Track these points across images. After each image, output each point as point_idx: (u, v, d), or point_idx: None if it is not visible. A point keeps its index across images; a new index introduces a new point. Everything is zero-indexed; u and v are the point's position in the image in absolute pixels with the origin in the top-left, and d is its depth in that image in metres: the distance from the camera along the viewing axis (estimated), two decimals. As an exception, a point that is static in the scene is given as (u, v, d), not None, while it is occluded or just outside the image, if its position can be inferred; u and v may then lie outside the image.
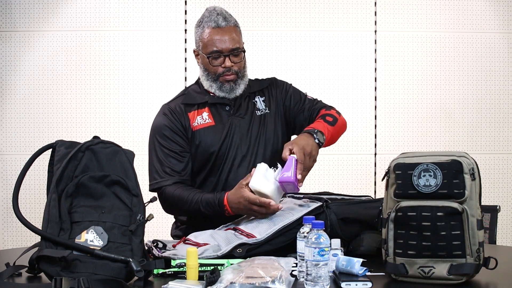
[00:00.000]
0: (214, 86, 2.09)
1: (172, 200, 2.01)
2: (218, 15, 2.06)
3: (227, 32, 2.05)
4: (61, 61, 3.56)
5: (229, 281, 1.30)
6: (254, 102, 2.17)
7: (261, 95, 2.19)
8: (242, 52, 2.09)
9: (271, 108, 2.17)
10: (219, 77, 2.07)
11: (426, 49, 3.66)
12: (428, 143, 3.63)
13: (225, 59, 2.05)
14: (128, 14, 3.58)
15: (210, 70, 2.08)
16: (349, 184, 3.57)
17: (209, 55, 2.06)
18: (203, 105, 2.12)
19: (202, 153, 2.07)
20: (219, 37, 2.04)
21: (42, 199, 2.04)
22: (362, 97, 3.64)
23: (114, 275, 1.39)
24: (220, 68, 2.06)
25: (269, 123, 2.15)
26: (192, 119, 2.09)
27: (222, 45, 2.04)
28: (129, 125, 3.56)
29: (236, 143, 2.08)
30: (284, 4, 3.61)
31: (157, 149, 2.08)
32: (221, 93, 2.09)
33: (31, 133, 3.54)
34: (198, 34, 2.11)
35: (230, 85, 2.08)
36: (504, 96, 3.68)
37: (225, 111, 2.12)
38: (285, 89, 2.24)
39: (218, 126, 2.09)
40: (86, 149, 1.52)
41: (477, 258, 1.39)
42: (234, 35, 2.06)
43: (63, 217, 1.45)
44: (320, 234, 1.32)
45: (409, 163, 1.45)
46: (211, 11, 2.08)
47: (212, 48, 2.05)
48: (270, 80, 2.26)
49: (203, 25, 2.09)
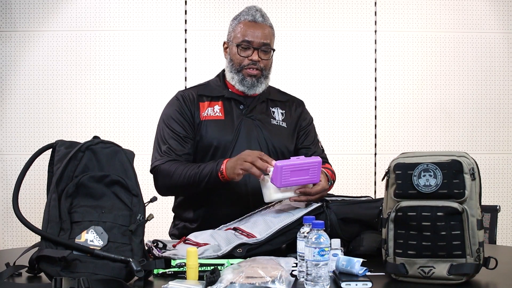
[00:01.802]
0: (236, 78, 2.09)
1: (166, 173, 1.98)
2: (256, 11, 2.10)
3: (262, 28, 2.08)
4: (61, 61, 3.56)
5: (229, 281, 1.30)
6: (272, 111, 2.16)
7: (281, 107, 2.19)
8: (272, 50, 2.10)
9: (288, 125, 2.16)
10: (243, 68, 2.07)
11: (426, 49, 3.66)
12: (428, 143, 3.64)
13: (253, 52, 2.06)
14: (128, 14, 3.58)
15: (236, 60, 2.09)
16: (349, 184, 3.57)
17: (239, 44, 2.06)
18: (218, 98, 2.12)
19: (204, 145, 2.06)
20: (253, 30, 2.06)
21: (42, 199, 2.05)
22: (362, 97, 3.64)
23: (114, 275, 1.39)
24: (246, 60, 2.07)
25: (282, 135, 2.13)
26: (203, 109, 2.09)
27: (253, 37, 2.05)
28: (129, 125, 3.56)
29: (240, 143, 2.06)
30: (284, 4, 3.61)
31: (162, 131, 2.08)
32: (241, 86, 2.09)
33: (31, 133, 3.54)
34: (232, 26, 2.13)
35: (252, 80, 2.08)
36: (504, 96, 3.68)
37: (239, 109, 2.11)
38: (307, 122, 2.23)
39: (227, 122, 2.08)
40: (86, 149, 1.52)
41: (477, 258, 1.39)
42: (267, 32, 2.08)
43: (63, 217, 1.45)
44: (320, 234, 1.32)
45: (409, 163, 1.44)
46: (250, 7, 2.12)
47: (243, 38, 2.06)
48: (298, 101, 2.27)
49: (239, 18, 2.11)
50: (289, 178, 1.77)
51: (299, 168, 1.78)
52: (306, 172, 1.79)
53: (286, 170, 1.76)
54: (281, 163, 1.76)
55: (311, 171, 1.80)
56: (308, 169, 1.80)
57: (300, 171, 1.78)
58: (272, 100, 2.18)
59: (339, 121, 3.61)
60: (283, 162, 1.77)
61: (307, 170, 1.79)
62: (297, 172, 1.78)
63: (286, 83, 3.36)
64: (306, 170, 1.79)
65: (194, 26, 3.57)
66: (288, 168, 1.76)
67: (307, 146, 2.18)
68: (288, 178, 1.77)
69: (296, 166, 1.78)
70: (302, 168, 1.79)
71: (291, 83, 3.52)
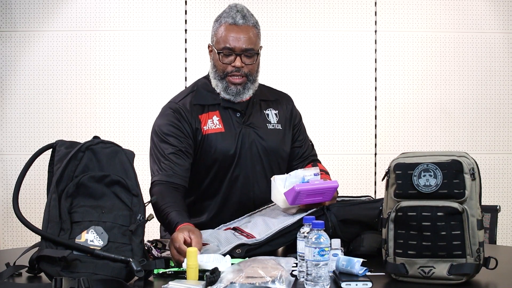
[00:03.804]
0: (220, 85, 2.02)
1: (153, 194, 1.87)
2: (237, 12, 2.00)
3: (243, 31, 1.98)
4: (61, 61, 3.56)
5: (229, 281, 1.30)
6: (267, 114, 2.11)
7: (274, 108, 2.14)
8: (256, 54, 2.01)
9: (283, 126, 2.12)
10: (226, 76, 1.99)
11: (426, 49, 3.66)
12: (428, 143, 3.63)
13: (236, 58, 1.98)
14: (128, 14, 3.58)
15: (219, 67, 2.00)
16: (349, 184, 3.57)
17: (220, 51, 1.98)
18: (214, 107, 2.04)
19: (208, 159, 2.00)
20: (234, 34, 1.97)
21: (42, 199, 2.05)
22: (362, 97, 3.64)
23: (114, 275, 1.39)
24: (229, 67, 1.98)
25: (279, 139, 2.10)
26: (204, 122, 2.01)
27: (235, 43, 1.96)
28: (129, 125, 3.56)
29: (243, 153, 2.01)
30: (284, 4, 3.61)
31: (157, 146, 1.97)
32: (226, 95, 2.01)
33: (31, 133, 3.54)
34: (214, 29, 2.04)
35: (237, 88, 2.00)
36: (504, 96, 3.68)
37: (236, 118, 2.04)
38: (298, 118, 2.21)
39: (228, 134, 2.01)
40: (86, 149, 1.52)
41: (477, 258, 1.39)
42: (250, 35, 1.98)
43: (63, 217, 1.45)
44: (320, 234, 1.32)
45: (409, 163, 1.44)
46: (232, 7, 2.02)
47: (224, 45, 1.97)
48: (287, 97, 2.21)
49: (220, 20, 2.02)
50: (303, 199, 1.77)
51: (316, 192, 1.77)
52: (321, 194, 1.79)
53: (303, 194, 1.75)
54: (299, 188, 1.73)
55: (326, 194, 1.79)
56: (324, 193, 1.79)
57: (316, 194, 1.78)
58: (264, 101, 2.12)
59: (339, 121, 3.61)
60: (301, 186, 1.74)
61: (323, 193, 1.79)
62: (312, 195, 1.77)
63: (286, 83, 3.37)
64: (322, 193, 1.79)
65: (194, 26, 3.57)
66: (305, 191, 1.75)
67: (299, 145, 2.17)
68: (302, 199, 1.77)
69: (314, 190, 1.77)
70: (319, 192, 1.78)
71: (291, 83, 3.52)
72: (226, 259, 1.51)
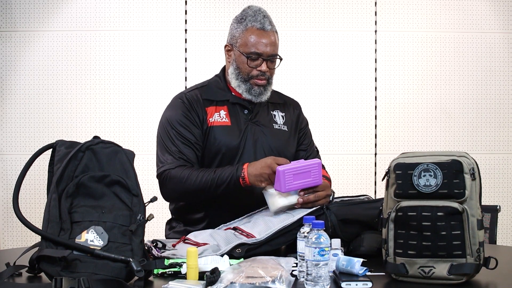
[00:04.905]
0: (243, 87, 2.07)
1: (178, 178, 1.94)
2: (264, 17, 2.05)
3: (271, 37, 2.04)
4: (61, 61, 3.56)
5: (229, 281, 1.30)
6: (274, 115, 2.16)
7: (281, 110, 2.18)
8: (279, 59, 2.08)
9: (289, 128, 2.16)
10: (251, 79, 2.05)
11: (426, 49, 3.66)
12: (428, 143, 3.64)
13: (263, 63, 2.04)
14: (128, 14, 3.58)
15: (244, 70, 2.05)
16: (349, 184, 3.57)
17: (248, 55, 2.03)
18: (223, 103, 2.09)
19: (212, 151, 2.03)
20: (263, 40, 2.03)
21: (42, 199, 2.05)
22: (362, 97, 3.64)
23: (114, 275, 1.39)
24: (255, 71, 2.04)
25: (284, 140, 2.13)
26: (210, 114, 2.05)
27: (264, 48, 2.02)
28: (129, 125, 3.56)
29: (247, 148, 2.05)
30: (284, 4, 3.61)
31: (168, 135, 2.02)
32: (249, 95, 2.07)
33: (31, 133, 3.54)
34: (238, 31, 2.06)
35: (260, 89, 2.06)
36: (504, 96, 3.68)
37: (244, 114, 2.09)
38: (305, 123, 2.25)
39: (234, 128, 2.05)
40: (86, 149, 1.52)
41: (477, 258, 1.39)
42: (276, 41, 2.06)
43: (63, 217, 1.45)
44: (320, 234, 1.32)
45: (409, 163, 1.44)
46: (256, 11, 2.06)
47: (253, 49, 2.02)
48: (295, 103, 2.27)
49: (246, 23, 2.05)
50: (292, 182, 1.81)
51: (301, 170, 1.82)
52: (308, 174, 1.83)
53: (288, 174, 1.80)
54: (282, 168, 1.80)
55: (313, 173, 1.84)
56: (310, 171, 1.83)
57: (302, 173, 1.82)
58: (272, 103, 2.17)
59: (339, 121, 3.61)
60: (284, 167, 1.81)
61: (309, 172, 1.83)
62: (299, 175, 1.82)
63: (286, 83, 3.37)
64: (308, 172, 1.83)
65: (194, 26, 3.57)
66: (290, 171, 1.81)
67: (304, 149, 2.20)
68: (292, 182, 1.81)
69: (298, 169, 1.82)
70: (303, 170, 1.83)
71: (291, 83, 3.53)
72: (224, 259, 1.51)
